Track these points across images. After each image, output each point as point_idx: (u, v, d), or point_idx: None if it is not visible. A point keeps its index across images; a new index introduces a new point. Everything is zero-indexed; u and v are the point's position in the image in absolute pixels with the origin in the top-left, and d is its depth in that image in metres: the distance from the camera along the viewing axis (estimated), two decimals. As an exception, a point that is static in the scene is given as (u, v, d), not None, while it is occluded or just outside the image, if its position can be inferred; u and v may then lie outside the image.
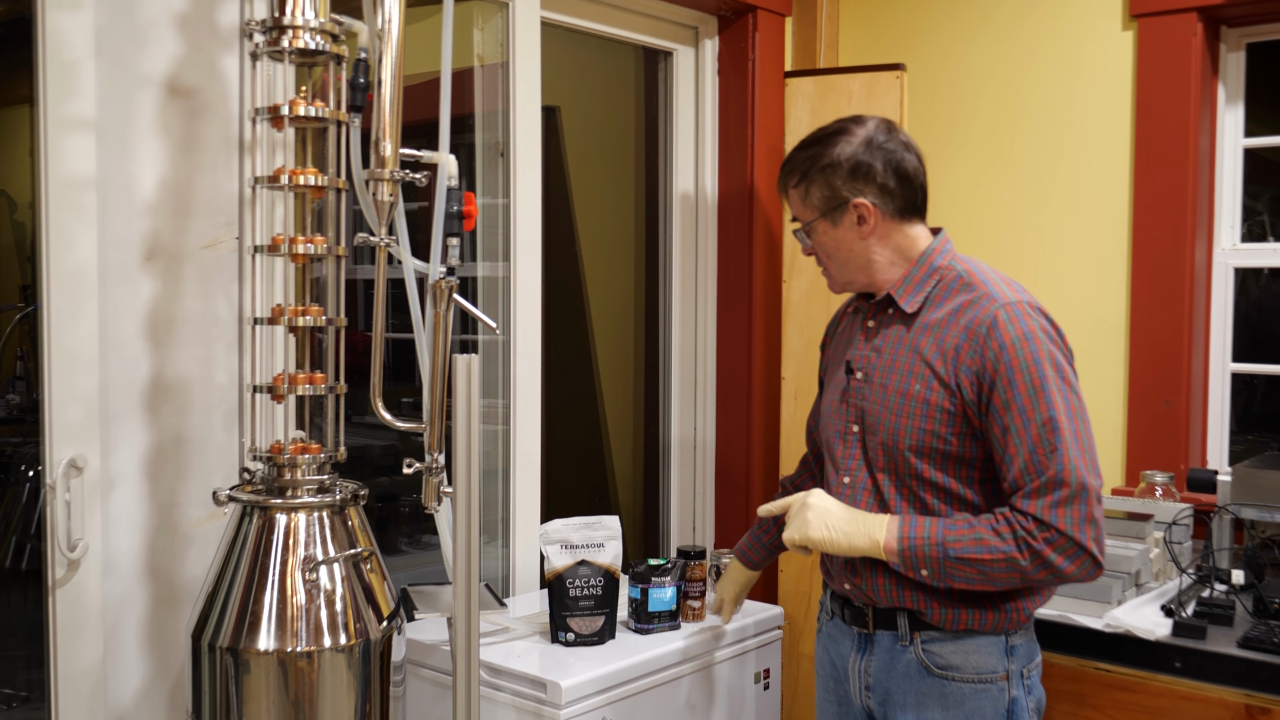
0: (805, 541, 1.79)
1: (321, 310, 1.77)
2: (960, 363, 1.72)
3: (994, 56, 2.95)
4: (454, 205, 1.86)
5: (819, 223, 1.83)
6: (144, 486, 1.92)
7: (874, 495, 1.82)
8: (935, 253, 1.84)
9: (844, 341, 1.97)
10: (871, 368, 1.84)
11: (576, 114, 3.19)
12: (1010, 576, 1.69)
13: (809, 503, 1.81)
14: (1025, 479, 1.67)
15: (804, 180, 1.83)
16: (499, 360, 2.62)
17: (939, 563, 1.70)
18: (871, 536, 1.75)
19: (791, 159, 1.86)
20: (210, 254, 1.98)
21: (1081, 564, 1.66)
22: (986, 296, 1.75)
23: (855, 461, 1.85)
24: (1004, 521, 1.68)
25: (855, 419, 1.85)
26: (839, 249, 1.84)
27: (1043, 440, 1.66)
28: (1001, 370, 1.69)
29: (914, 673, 1.79)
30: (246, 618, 1.66)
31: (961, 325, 1.74)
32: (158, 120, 1.90)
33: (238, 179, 1.99)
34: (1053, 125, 2.87)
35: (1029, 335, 1.70)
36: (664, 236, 3.11)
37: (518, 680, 2.04)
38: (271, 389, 1.76)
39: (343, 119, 1.77)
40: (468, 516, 1.76)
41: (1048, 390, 1.67)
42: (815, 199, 1.82)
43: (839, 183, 1.80)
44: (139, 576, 1.92)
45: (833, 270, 1.87)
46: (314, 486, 1.76)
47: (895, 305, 1.84)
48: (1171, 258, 2.68)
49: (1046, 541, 1.65)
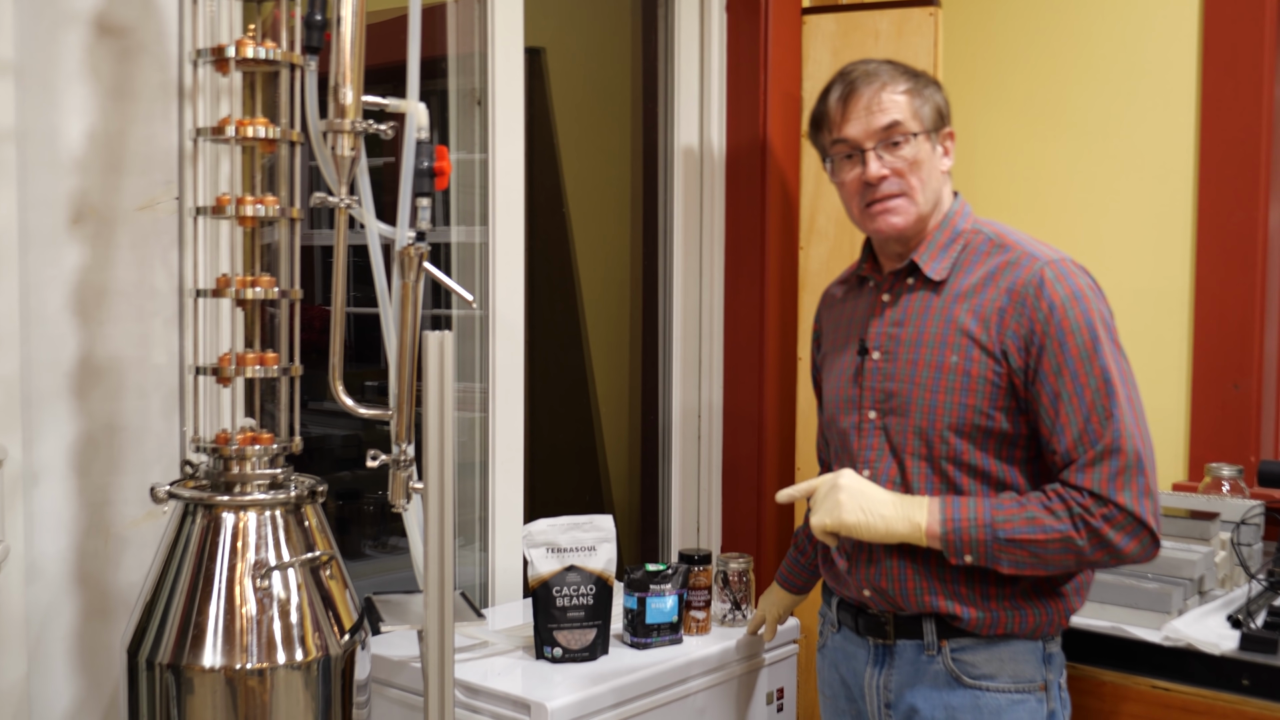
0: (838, 527, 1.81)
1: (273, 281, 1.77)
2: (1005, 327, 1.76)
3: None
4: (424, 161, 1.85)
5: (924, 138, 1.87)
6: (72, 482, 1.92)
7: (899, 486, 1.84)
8: (957, 215, 1.90)
9: (846, 324, 1.98)
10: (894, 344, 1.86)
11: (564, 57, 3.18)
12: (1065, 559, 1.72)
13: (840, 483, 1.82)
14: (1079, 450, 1.71)
15: (917, 88, 1.88)
16: (476, 338, 2.62)
17: (986, 546, 1.73)
18: (912, 519, 1.77)
19: (885, 65, 1.90)
20: (146, 216, 1.97)
21: (1141, 541, 1.71)
22: (1027, 256, 1.80)
23: (876, 451, 1.87)
24: (1057, 499, 1.72)
25: (873, 403, 1.87)
26: (932, 174, 1.88)
27: (1097, 406, 1.70)
28: (1052, 332, 1.73)
29: (943, 684, 1.82)
30: (190, 631, 1.66)
31: (1003, 287, 1.78)
32: (85, 63, 1.89)
33: (177, 130, 1.99)
34: (1106, 71, 2.86)
35: (1078, 294, 1.75)
36: (664, 197, 3.10)
37: (497, 701, 2.04)
38: (217, 371, 1.76)
39: (297, 62, 1.76)
40: (440, 516, 1.76)
41: (1100, 352, 1.72)
42: (928, 112, 1.88)
43: (944, 105, 1.91)
44: (67, 584, 1.92)
45: (918, 196, 1.86)
46: (265, 482, 1.76)
47: (917, 274, 1.87)
48: (1243, 222, 2.68)
49: (1105, 518, 1.69)
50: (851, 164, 1.88)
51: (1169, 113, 2.78)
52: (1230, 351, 2.69)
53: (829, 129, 1.91)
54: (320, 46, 1.76)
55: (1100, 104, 2.88)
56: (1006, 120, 3.00)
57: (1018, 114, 2.98)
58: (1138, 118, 2.83)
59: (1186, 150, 2.76)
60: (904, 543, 1.79)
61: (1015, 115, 2.99)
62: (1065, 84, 2.92)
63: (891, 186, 1.86)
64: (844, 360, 1.95)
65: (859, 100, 1.86)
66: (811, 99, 2.91)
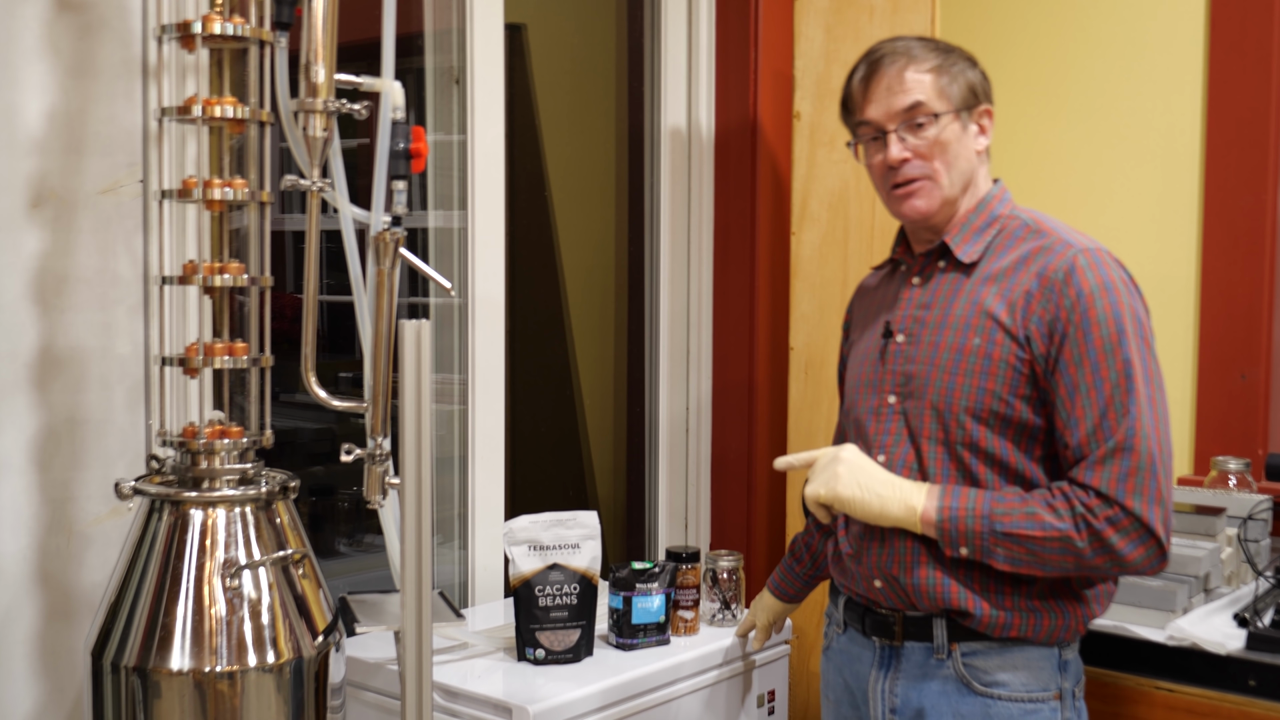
0: (832, 499, 1.82)
1: (242, 268, 1.76)
2: (1031, 312, 1.77)
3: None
4: (400, 142, 1.85)
5: (951, 118, 1.86)
6: (31, 477, 1.91)
7: (916, 474, 1.85)
8: (995, 200, 1.91)
9: (875, 308, 2.00)
10: (918, 325, 1.88)
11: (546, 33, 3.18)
12: (1064, 560, 1.72)
13: (842, 456, 1.84)
14: (1091, 445, 1.71)
15: (945, 65, 1.87)
16: (455, 327, 2.62)
17: (983, 538, 1.73)
18: (908, 502, 1.78)
19: (913, 43, 1.90)
20: (109, 200, 1.96)
21: (1147, 550, 1.70)
22: (1061, 242, 1.81)
23: (892, 436, 1.87)
24: (1061, 496, 1.72)
25: (893, 387, 1.89)
26: (960, 155, 1.88)
27: (1115, 401, 1.70)
28: (1076, 320, 1.74)
29: (952, 691, 1.82)
30: (156, 632, 1.66)
31: (1033, 272, 1.79)
32: (44, 39, 1.88)
33: (141, 110, 1.98)
34: (1110, 48, 2.87)
35: (1109, 285, 1.75)
36: (651, 180, 3.10)
37: (478, 705, 2.05)
38: (183, 361, 1.75)
39: (267, 38, 1.75)
40: (418, 512, 1.76)
41: (1125, 347, 1.72)
42: (957, 90, 1.87)
43: (980, 81, 1.91)
44: (27, 584, 1.92)
45: (943, 179, 1.87)
46: (235, 477, 1.76)
47: (949, 257, 1.89)
48: (1251, 205, 2.69)
49: (1109, 521, 1.68)
50: (877, 146, 1.89)
51: (1174, 91, 2.79)
52: (1237, 341, 2.71)
53: (853, 110, 1.92)
54: (291, 22, 1.76)
55: (1103, 83, 2.88)
56: (1005, 100, 2.99)
57: (1017, 94, 2.99)
58: (1142, 97, 2.83)
59: (1193, 130, 2.77)
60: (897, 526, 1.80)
61: (1015, 95, 2.99)
62: (1067, 62, 2.93)
63: (914, 170, 1.87)
64: (868, 343, 1.97)
65: (881, 81, 1.87)
66: (804, 77, 2.92)
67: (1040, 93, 2.97)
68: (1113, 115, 2.88)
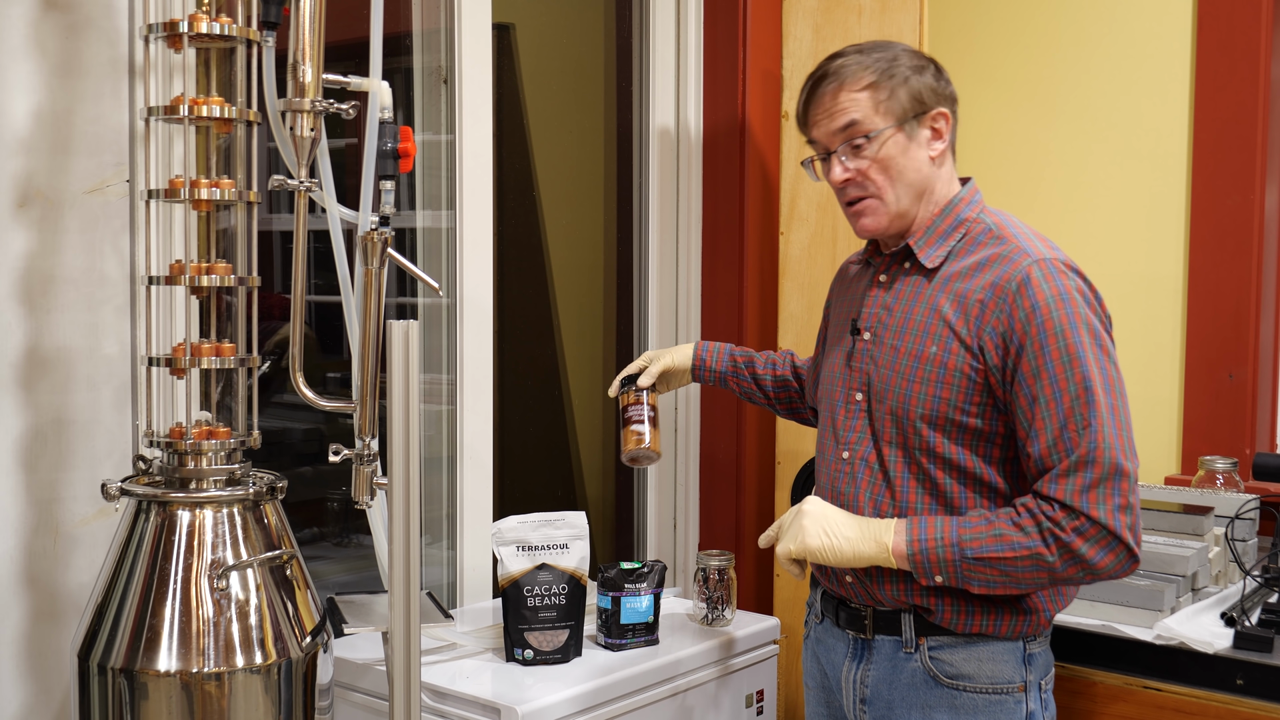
0: (803, 552, 1.85)
1: (230, 268, 1.76)
2: (985, 322, 1.77)
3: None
4: (388, 142, 1.85)
5: (892, 133, 1.84)
6: (18, 478, 1.91)
7: (878, 472, 1.87)
8: (964, 203, 1.90)
9: (849, 298, 2.02)
10: (881, 327, 1.89)
11: (535, 33, 3.18)
12: (1037, 576, 1.73)
13: (804, 509, 1.86)
14: (1053, 457, 1.71)
15: (883, 80, 1.84)
16: (443, 328, 2.62)
17: (955, 565, 1.75)
18: (879, 540, 1.80)
19: (850, 60, 1.86)
20: (95, 199, 1.96)
21: (1116, 556, 1.71)
22: (1018, 250, 1.80)
23: (858, 434, 1.90)
24: (1026, 513, 1.73)
25: (860, 385, 1.91)
26: (907, 167, 1.86)
27: (1075, 414, 1.71)
28: (1032, 333, 1.73)
29: (920, 683, 1.85)
30: (144, 633, 1.66)
31: (988, 281, 1.79)
32: (30, 38, 1.88)
33: (127, 110, 1.98)
34: (1098, 49, 2.88)
35: (1064, 295, 1.74)
36: (639, 180, 3.10)
37: (466, 705, 2.05)
38: (170, 362, 1.75)
39: (254, 38, 1.75)
40: (406, 513, 1.77)
41: (1083, 358, 1.72)
42: (897, 103, 1.84)
43: (927, 86, 1.86)
44: (14, 585, 1.91)
45: (887, 195, 1.87)
46: (222, 478, 1.76)
47: (912, 258, 1.89)
48: (1238, 206, 2.70)
49: (1076, 531, 1.69)
50: (827, 165, 1.91)
51: (1162, 91, 2.80)
52: (1224, 340, 2.72)
53: (803, 130, 1.94)
54: (278, 21, 1.76)
55: (1091, 83, 2.89)
56: (994, 101, 3.01)
57: (1006, 95, 3.00)
58: (1130, 98, 2.84)
59: (1180, 130, 2.78)
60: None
61: (1004, 96, 3.00)
62: (1055, 62, 2.94)
63: (857, 190, 1.88)
64: (839, 334, 1.99)
65: (819, 103, 1.89)
66: (792, 77, 2.93)
67: (1028, 92, 2.98)
68: (1100, 115, 2.89)
